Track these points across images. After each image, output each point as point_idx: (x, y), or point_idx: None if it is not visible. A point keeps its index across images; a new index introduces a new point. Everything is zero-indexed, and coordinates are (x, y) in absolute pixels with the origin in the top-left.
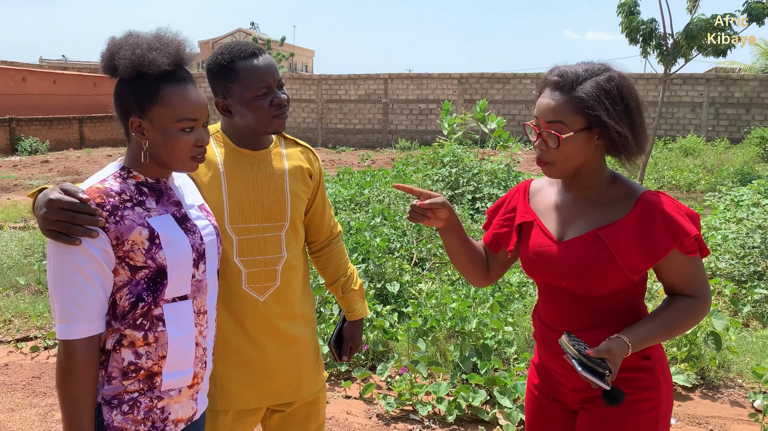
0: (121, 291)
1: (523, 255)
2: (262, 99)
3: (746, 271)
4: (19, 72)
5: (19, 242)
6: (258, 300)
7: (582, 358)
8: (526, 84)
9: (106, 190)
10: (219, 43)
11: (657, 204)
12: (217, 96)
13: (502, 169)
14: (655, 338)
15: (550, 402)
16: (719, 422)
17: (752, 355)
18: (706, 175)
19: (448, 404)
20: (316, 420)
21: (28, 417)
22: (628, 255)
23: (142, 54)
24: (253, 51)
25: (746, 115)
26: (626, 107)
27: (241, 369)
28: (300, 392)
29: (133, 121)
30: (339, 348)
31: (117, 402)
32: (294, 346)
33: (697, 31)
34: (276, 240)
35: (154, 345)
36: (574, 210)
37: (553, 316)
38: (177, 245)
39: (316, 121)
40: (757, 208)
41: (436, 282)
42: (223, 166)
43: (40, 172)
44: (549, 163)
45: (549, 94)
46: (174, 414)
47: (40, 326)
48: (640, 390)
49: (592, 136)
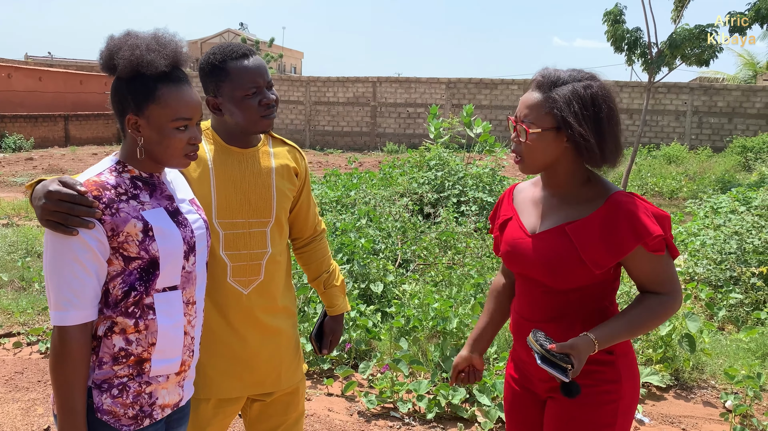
0: (114, 281)
1: (502, 248)
2: (252, 98)
3: (723, 276)
4: (3, 68)
5: (2, 239)
6: (242, 293)
7: (544, 353)
8: (514, 90)
9: (102, 183)
10: (208, 43)
11: (624, 204)
12: (208, 94)
13: (488, 173)
14: (623, 335)
15: (524, 391)
16: (692, 421)
17: (726, 357)
18: (689, 182)
19: (428, 401)
20: (296, 410)
21: (10, 411)
22: (591, 250)
23: (141, 55)
24: (244, 52)
25: (729, 125)
26: (596, 114)
27: (224, 359)
28: (280, 382)
29: (130, 119)
30: (320, 341)
31: (107, 386)
32: (275, 338)
33: (680, 40)
34: (261, 236)
35: (144, 333)
36: (548, 206)
37: (525, 307)
38: (169, 237)
39: (304, 123)
40: (735, 215)
41: (419, 283)
42: (212, 163)
43: (24, 169)
44: (520, 158)
45: (530, 92)
46: (161, 399)
47: (23, 322)
48: (601, 383)
49: (561, 137)
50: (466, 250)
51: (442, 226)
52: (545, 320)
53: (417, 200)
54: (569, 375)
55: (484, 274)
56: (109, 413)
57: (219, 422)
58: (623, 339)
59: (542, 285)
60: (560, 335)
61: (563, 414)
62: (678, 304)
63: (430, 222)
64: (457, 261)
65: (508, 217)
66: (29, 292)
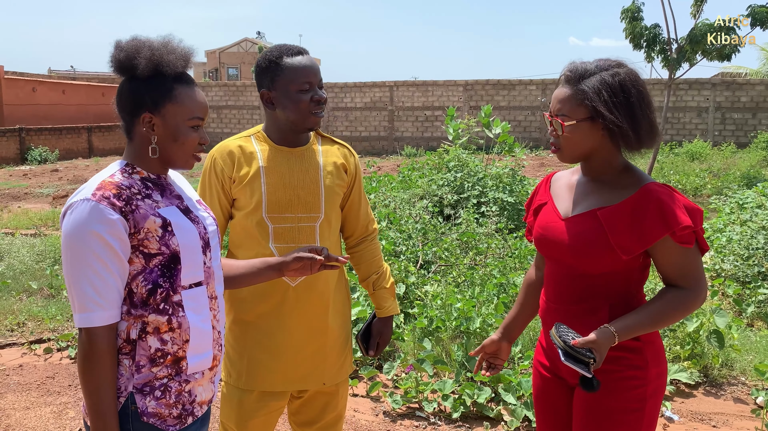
0: (136, 280)
1: (534, 232)
2: (304, 94)
3: (750, 272)
4: (28, 82)
5: (31, 248)
6: (289, 286)
7: (567, 348)
8: (532, 90)
9: (118, 183)
10: (226, 52)
11: (656, 193)
12: (262, 88)
13: (507, 174)
14: (644, 327)
15: (553, 377)
16: (722, 418)
17: (756, 353)
18: (713, 179)
19: (454, 401)
20: (334, 410)
21: (43, 415)
22: (620, 236)
23: (161, 55)
24: (299, 50)
25: (753, 120)
26: (626, 99)
27: (269, 352)
28: (322, 380)
29: (145, 117)
30: (366, 343)
31: (149, 389)
32: (321, 335)
33: (701, 35)
34: (310, 231)
35: (178, 331)
36: (583, 192)
37: (553, 291)
38: (187, 232)
39: (323, 129)
40: (761, 209)
41: (441, 284)
42: (262, 161)
43: (50, 180)
44: (558, 148)
45: (560, 87)
46: (199, 396)
47: (53, 328)
48: (627, 368)
49: (597, 126)
50: (487, 250)
51: (462, 227)
52: (572, 303)
53: (437, 202)
54: (591, 370)
55: (506, 274)
56: (155, 415)
57: (263, 416)
58: (644, 332)
59: (571, 268)
60: (585, 318)
61: (591, 399)
62: (701, 300)
63: (450, 223)
64: (478, 262)
65: (543, 203)
66: (58, 299)
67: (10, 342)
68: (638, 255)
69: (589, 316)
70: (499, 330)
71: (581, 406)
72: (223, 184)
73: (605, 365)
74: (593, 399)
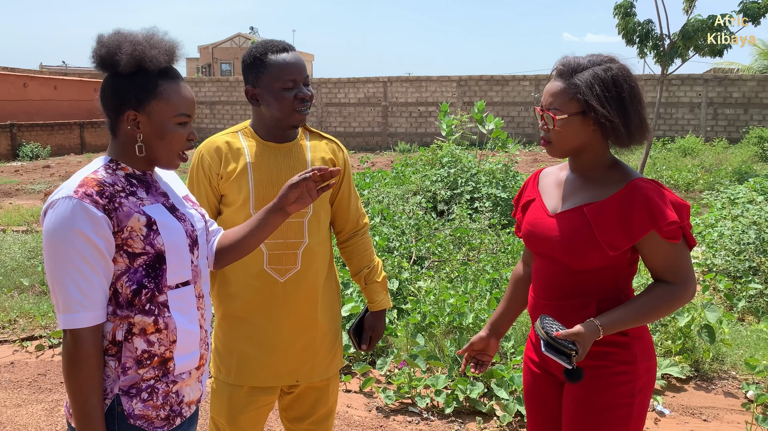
0: (120, 280)
1: (523, 229)
2: (288, 91)
3: (741, 267)
4: (19, 78)
5: (22, 245)
6: (278, 281)
7: (549, 340)
8: (525, 86)
9: (101, 180)
10: (219, 47)
11: (642, 188)
12: (247, 84)
13: (501, 169)
14: (630, 322)
15: (543, 373)
16: (713, 412)
17: (746, 348)
18: (705, 174)
19: (447, 396)
20: (325, 405)
21: (34, 412)
22: (607, 232)
23: (144, 50)
24: (285, 47)
25: (744, 115)
26: (618, 94)
27: (258, 347)
28: (312, 375)
29: (129, 115)
30: (359, 337)
31: (135, 391)
32: (311, 330)
33: (693, 31)
34: (299, 226)
35: (165, 332)
36: (571, 188)
37: (541, 287)
38: (173, 230)
39: (316, 125)
40: (752, 205)
41: (434, 279)
42: (249, 157)
43: (41, 176)
44: (548, 142)
45: (552, 81)
46: (187, 396)
47: (44, 325)
48: (615, 363)
49: (588, 121)
50: (480, 246)
51: (455, 223)
52: (560, 299)
53: (430, 198)
54: (573, 362)
55: (499, 269)
56: (141, 418)
57: (254, 412)
58: (630, 326)
59: (559, 265)
60: (573, 314)
61: (581, 395)
62: (689, 295)
63: (443, 219)
64: (471, 258)
65: (531, 199)
66: (50, 296)
67: (2, 339)
68: (626, 250)
69: (577, 312)
70: (486, 326)
71: (571, 402)
72: (211, 180)
73: (594, 361)
74: (583, 395)
